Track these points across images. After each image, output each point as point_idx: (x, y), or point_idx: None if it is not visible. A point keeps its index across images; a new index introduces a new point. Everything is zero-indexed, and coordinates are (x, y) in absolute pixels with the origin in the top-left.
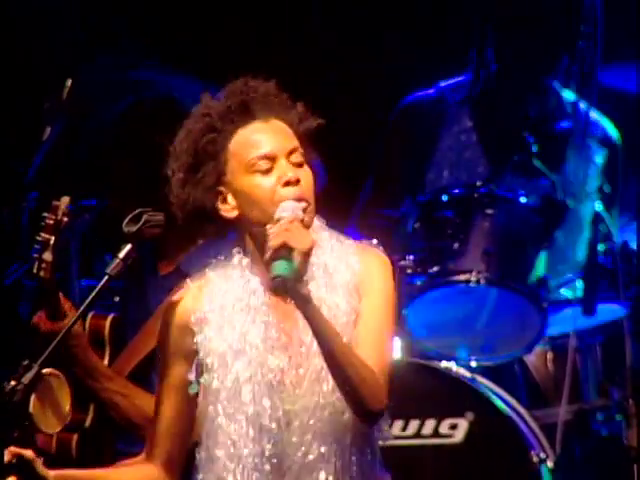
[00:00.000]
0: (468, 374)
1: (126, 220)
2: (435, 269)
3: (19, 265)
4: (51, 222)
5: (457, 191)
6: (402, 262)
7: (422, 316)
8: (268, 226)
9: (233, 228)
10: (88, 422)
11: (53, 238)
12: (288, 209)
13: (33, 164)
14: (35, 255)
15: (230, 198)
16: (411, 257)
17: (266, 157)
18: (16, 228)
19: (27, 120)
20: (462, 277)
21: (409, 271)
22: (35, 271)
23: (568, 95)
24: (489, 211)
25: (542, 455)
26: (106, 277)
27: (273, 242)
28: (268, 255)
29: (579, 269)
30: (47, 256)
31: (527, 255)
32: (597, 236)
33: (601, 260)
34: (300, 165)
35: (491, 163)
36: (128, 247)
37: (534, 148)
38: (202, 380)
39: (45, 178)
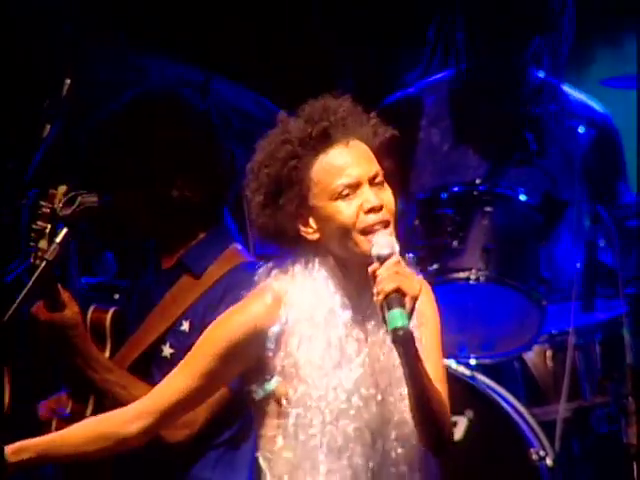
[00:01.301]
0: (467, 372)
1: (61, 204)
2: (434, 267)
3: (19, 263)
4: (47, 211)
5: (456, 189)
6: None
7: None
8: (371, 267)
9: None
10: (88, 413)
11: (49, 226)
12: (385, 245)
13: (32, 162)
14: (31, 244)
15: (312, 221)
16: (410, 255)
17: (350, 185)
18: (16, 226)
19: (26, 118)
20: (462, 275)
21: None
22: (32, 260)
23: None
24: (488, 209)
25: (541, 453)
26: (44, 262)
27: (386, 286)
28: (379, 299)
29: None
30: (43, 244)
31: (527, 253)
32: (596, 232)
33: (600, 256)
34: (381, 184)
35: (481, 161)
36: (64, 231)
37: (533, 146)
38: (272, 387)
39: (45, 176)
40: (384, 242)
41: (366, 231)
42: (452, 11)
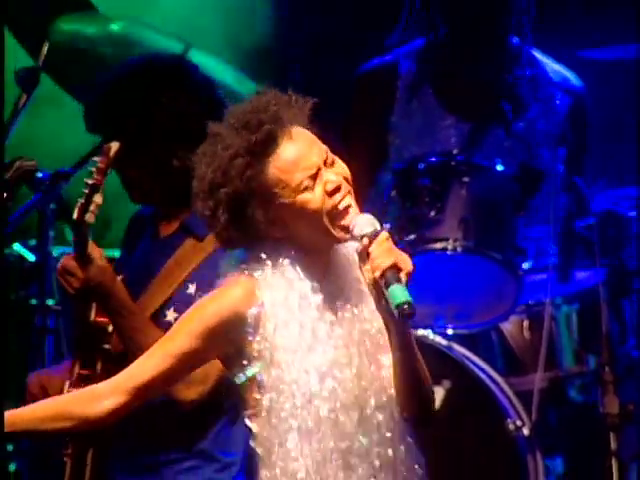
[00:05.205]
0: (444, 342)
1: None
2: (412, 237)
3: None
4: (103, 166)
5: (434, 159)
6: None
7: None
8: (357, 246)
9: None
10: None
11: (103, 181)
12: (366, 224)
13: (8, 132)
14: (81, 200)
15: (279, 220)
16: (387, 225)
17: (311, 176)
18: None
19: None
20: (439, 245)
21: None
22: (78, 215)
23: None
24: (466, 179)
25: (518, 422)
26: None
27: (382, 262)
28: (376, 275)
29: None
30: (98, 198)
31: (504, 223)
32: (573, 202)
33: (576, 227)
34: (333, 161)
35: (464, 132)
36: (4, 195)
37: (510, 115)
38: (254, 371)
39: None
40: (364, 221)
41: (334, 212)
42: None
